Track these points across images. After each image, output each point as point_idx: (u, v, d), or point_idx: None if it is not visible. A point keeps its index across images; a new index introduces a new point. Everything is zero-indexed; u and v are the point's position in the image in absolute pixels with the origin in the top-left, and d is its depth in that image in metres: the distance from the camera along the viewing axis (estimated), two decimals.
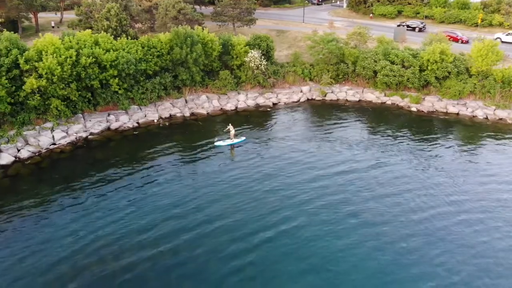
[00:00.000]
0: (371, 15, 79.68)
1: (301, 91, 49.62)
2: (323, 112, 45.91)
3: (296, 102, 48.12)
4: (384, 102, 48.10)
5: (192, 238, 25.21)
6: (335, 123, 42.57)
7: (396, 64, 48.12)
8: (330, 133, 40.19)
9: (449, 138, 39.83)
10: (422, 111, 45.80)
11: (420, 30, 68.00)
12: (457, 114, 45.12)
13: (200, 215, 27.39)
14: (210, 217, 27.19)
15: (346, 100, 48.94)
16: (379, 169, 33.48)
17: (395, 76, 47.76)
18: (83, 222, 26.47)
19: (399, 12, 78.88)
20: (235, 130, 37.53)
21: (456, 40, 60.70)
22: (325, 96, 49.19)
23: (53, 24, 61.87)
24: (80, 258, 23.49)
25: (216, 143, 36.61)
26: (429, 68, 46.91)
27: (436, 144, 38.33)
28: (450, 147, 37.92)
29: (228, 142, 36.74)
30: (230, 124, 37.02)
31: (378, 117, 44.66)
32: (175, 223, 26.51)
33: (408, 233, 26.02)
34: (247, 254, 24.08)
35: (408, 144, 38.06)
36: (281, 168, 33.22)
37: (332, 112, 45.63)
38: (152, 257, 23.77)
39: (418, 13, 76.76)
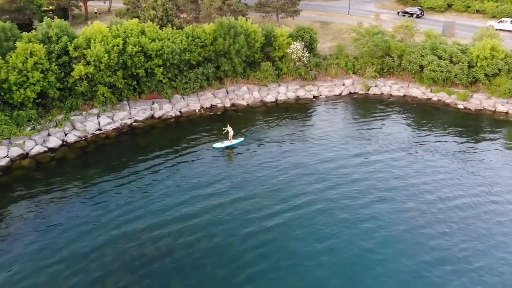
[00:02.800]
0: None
1: (344, 85, 48.87)
2: (366, 106, 45.05)
3: (338, 95, 47.42)
4: (430, 98, 46.63)
5: (229, 228, 25.47)
6: (377, 119, 41.67)
7: (444, 60, 46.49)
8: (372, 129, 39.38)
9: (497, 138, 38.17)
10: (469, 109, 44.08)
11: (418, 16, 69.53)
12: (506, 113, 43.15)
13: (241, 205, 27.62)
14: (253, 207, 27.39)
15: (390, 95, 47.79)
16: (424, 172, 32.13)
17: (442, 71, 46.18)
18: (125, 206, 27.28)
19: (449, 6, 75.97)
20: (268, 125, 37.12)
21: None
22: (368, 90, 48.25)
23: (95, 10, 63.70)
24: (121, 241, 24.22)
25: (214, 145, 34.60)
26: (478, 64, 45.04)
27: (483, 144, 36.93)
28: (498, 148, 36.36)
29: (227, 143, 34.81)
30: (228, 125, 35.08)
31: (423, 114, 43.34)
32: (213, 212, 26.89)
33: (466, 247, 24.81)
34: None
35: (454, 144, 36.70)
36: (321, 164, 32.93)
37: (375, 107, 44.69)
38: (190, 243, 24.24)
39: (469, 7, 73.58)
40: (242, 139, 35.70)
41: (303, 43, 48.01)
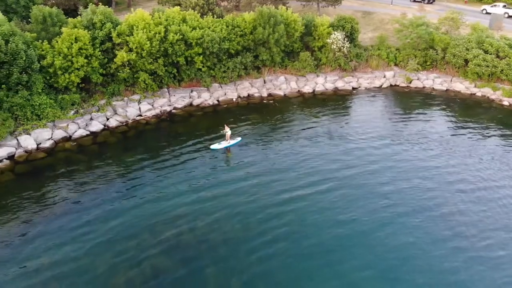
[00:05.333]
0: None
1: (384, 76, 47.83)
2: (407, 100, 44.00)
3: (378, 87, 46.46)
4: (474, 94, 45.01)
5: (263, 218, 25.64)
6: (418, 114, 40.61)
7: (490, 54, 44.73)
8: (412, 125, 38.38)
9: None
10: None
11: (429, 2, 68.94)
12: None
13: (278, 195, 27.69)
14: (289, 199, 27.42)
15: (433, 88, 46.40)
16: (464, 176, 30.93)
17: (488, 66, 44.48)
18: (163, 191, 27.86)
19: None
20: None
21: None
22: (410, 83, 47.05)
23: None
24: (158, 226, 24.76)
25: (212, 147, 33.16)
26: None
27: None
28: None
29: (224, 144, 33.41)
30: (225, 125, 33.69)
31: (466, 110, 41.99)
32: (248, 200, 27.15)
33: None
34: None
35: (497, 143, 35.41)
36: (358, 159, 32.55)
37: (416, 101, 43.57)
38: (226, 231, 24.55)
39: None
40: (239, 139, 34.22)
41: (344, 33, 47.14)
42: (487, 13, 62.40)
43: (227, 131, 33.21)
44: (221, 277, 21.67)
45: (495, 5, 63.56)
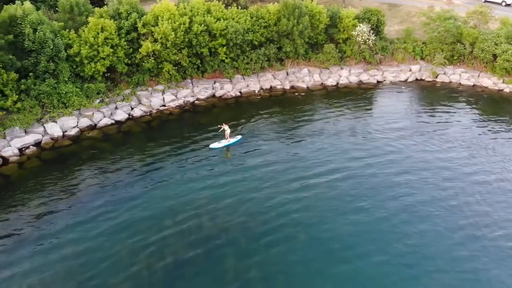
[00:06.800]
0: None
1: (410, 70, 47.02)
2: (432, 95, 43.21)
3: (404, 81, 45.68)
4: (502, 90, 43.86)
5: (283, 211, 25.70)
6: (444, 110, 39.82)
7: None
8: (438, 121, 37.65)
9: None
10: None
11: None
12: None
13: (304, 190, 27.73)
14: (314, 193, 27.49)
15: (459, 83, 45.40)
16: (488, 172, 30.50)
17: None
18: (185, 180, 28.19)
19: None
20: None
21: None
22: (436, 77, 46.13)
23: None
24: (180, 216, 25.00)
25: (211, 146, 32.25)
26: None
27: None
28: None
29: (224, 143, 32.56)
30: (224, 123, 32.73)
31: (493, 106, 41.11)
32: (268, 191, 27.31)
33: None
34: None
35: None
36: (374, 156, 32.23)
37: (443, 96, 42.77)
38: (245, 222, 24.79)
39: None
40: (239, 137, 33.36)
41: (370, 25, 46.43)
42: (506, 5, 60.40)
43: (226, 129, 32.44)
44: (240, 267, 21.94)
45: None
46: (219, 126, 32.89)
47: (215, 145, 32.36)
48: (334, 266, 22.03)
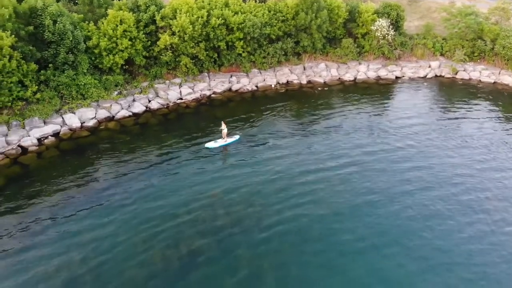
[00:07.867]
0: None
1: (429, 66, 46.35)
2: (452, 92, 42.58)
3: (423, 77, 45.11)
4: None
5: (296, 203, 25.67)
6: (463, 105, 39.32)
7: None
8: (457, 118, 37.10)
9: None
10: None
11: None
12: None
13: (318, 182, 27.62)
14: (326, 187, 27.34)
15: (479, 80, 44.66)
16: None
17: None
18: (199, 172, 28.26)
19: None
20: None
21: None
22: (456, 74, 45.39)
23: None
24: (194, 206, 25.09)
25: (207, 145, 31.37)
26: None
27: None
28: None
29: (221, 142, 31.60)
30: (222, 122, 31.72)
31: None
32: (281, 183, 27.34)
33: None
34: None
35: None
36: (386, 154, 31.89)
37: (462, 93, 42.11)
38: (258, 213, 24.77)
39: None
40: (237, 137, 32.48)
41: (389, 20, 45.89)
42: None
43: (224, 128, 31.54)
44: (253, 255, 22.01)
45: None
46: (218, 124, 32.19)
47: (211, 144, 31.49)
48: (346, 257, 22.04)
